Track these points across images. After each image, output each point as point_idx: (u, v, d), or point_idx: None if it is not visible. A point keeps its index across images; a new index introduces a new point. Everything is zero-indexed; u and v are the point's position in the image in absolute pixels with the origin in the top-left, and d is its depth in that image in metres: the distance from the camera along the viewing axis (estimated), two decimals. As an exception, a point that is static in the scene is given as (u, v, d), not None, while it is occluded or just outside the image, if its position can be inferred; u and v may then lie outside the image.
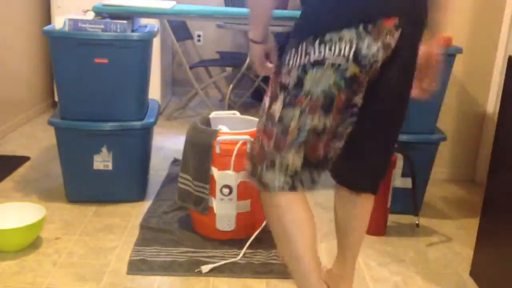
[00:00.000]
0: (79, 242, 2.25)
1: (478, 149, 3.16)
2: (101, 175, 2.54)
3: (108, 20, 2.40)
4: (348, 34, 1.37)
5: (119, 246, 2.23)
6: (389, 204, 2.41)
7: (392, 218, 2.55)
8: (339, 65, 1.39)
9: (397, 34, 1.41)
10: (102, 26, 2.37)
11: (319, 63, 1.39)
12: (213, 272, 2.05)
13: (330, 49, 1.38)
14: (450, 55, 2.46)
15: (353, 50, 1.38)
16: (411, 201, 2.54)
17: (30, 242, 2.18)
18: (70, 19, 2.36)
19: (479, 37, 2.98)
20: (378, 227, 2.42)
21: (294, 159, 1.47)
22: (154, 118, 2.57)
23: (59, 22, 2.37)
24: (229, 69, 4.63)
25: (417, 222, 2.51)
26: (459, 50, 2.46)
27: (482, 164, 3.11)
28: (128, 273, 2.03)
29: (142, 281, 1.99)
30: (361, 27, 1.36)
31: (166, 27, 4.19)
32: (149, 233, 2.31)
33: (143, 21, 2.82)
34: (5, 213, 2.26)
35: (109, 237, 2.30)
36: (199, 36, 5.06)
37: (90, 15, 2.43)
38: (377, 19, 1.37)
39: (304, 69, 1.41)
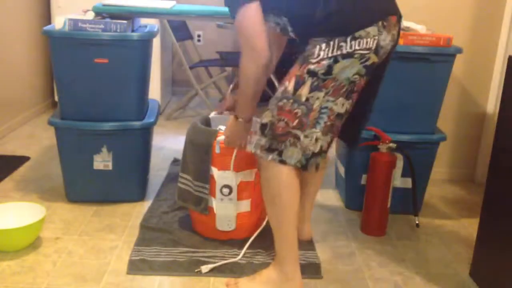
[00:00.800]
0: (79, 242, 2.25)
1: (478, 149, 3.16)
2: (101, 175, 2.54)
3: (108, 20, 2.40)
4: (372, 30, 1.69)
5: (119, 246, 2.23)
6: (389, 204, 2.41)
7: (392, 218, 2.55)
8: (364, 55, 1.69)
9: (397, 28, 1.80)
10: (102, 26, 2.37)
11: (349, 55, 1.68)
12: (213, 272, 2.05)
13: (359, 44, 1.68)
14: (450, 55, 2.46)
15: (375, 42, 1.70)
16: (411, 201, 2.54)
17: (30, 242, 2.18)
18: (70, 19, 2.36)
19: (479, 37, 2.98)
20: (378, 227, 2.42)
21: (312, 139, 1.73)
22: (154, 118, 2.57)
23: (59, 22, 2.37)
24: (229, 69, 4.63)
25: (417, 222, 2.51)
26: (459, 50, 2.46)
27: (482, 164, 3.11)
28: (128, 273, 2.03)
29: (142, 281, 1.99)
30: (380, 23, 1.70)
31: (166, 27, 4.19)
32: (149, 233, 2.31)
33: (143, 21, 2.82)
34: (5, 213, 2.26)
35: (109, 237, 2.30)
36: (199, 36, 5.06)
37: (90, 15, 2.43)
38: (388, 16, 1.74)
39: (335, 60, 1.68)
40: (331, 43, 1.68)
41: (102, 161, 2.52)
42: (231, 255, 2.16)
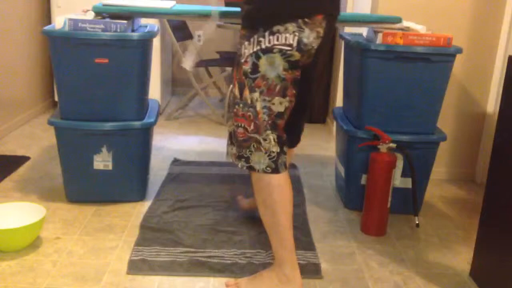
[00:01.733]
0: (79, 242, 2.25)
1: (478, 149, 3.16)
2: (101, 175, 2.54)
3: (108, 20, 2.40)
4: (291, 26, 1.70)
5: (119, 246, 2.23)
6: (389, 204, 2.41)
7: (392, 218, 2.55)
8: (285, 51, 1.71)
9: (325, 26, 1.77)
10: (102, 26, 2.36)
11: (269, 50, 1.71)
12: (213, 272, 2.05)
13: (277, 39, 1.70)
14: (450, 55, 2.46)
15: (296, 39, 1.71)
16: (411, 201, 2.54)
17: (30, 242, 2.18)
18: (70, 19, 2.36)
19: (479, 37, 2.98)
20: (378, 227, 2.42)
21: (270, 141, 1.77)
22: (154, 118, 2.57)
23: (59, 22, 2.37)
24: (229, 69, 4.63)
25: (417, 222, 2.51)
26: (459, 50, 2.46)
27: (482, 164, 3.11)
28: (128, 273, 2.03)
29: (142, 281, 1.99)
30: (300, 21, 1.71)
31: (166, 27, 4.19)
32: (149, 233, 2.31)
33: (143, 21, 2.82)
34: (5, 213, 2.26)
35: (109, 237, 2.30)
36: (199, 36, 5.06)
37: (90, 15, 2.43)
38: (312, 14, 1.72)
39: (257, 55, 1.72)
40: (251, 39, 1.73)
41: (102, 161, 2.52)
42: (231, 255, 2.16)
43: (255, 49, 1.72)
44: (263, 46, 1.71)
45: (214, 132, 3.92)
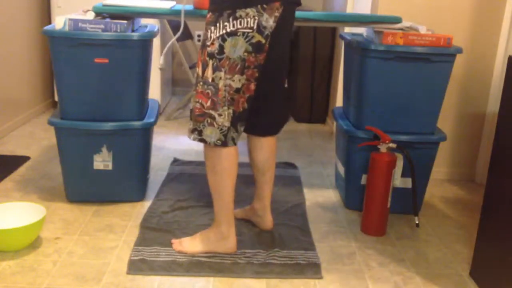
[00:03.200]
0: (79, 242, 2.25)
1: (478, 149, 3.16)
2: (101, 175, 2.54)
3: (108, 20, 2.40)
4: (251, 11, 1.90)
5: (119, 246, 2.23)
6: (389, 204, 2.41)
7: (392, 218, 2.55)
8: (248, 34, 1.91)
9: (282, 11, 1.96)
10: (102, 26, 2.36)
11: (233, 33, 1.91)
12: (213, 272, 2.05)
13: (240, 23, 1.90)
14: (450, 55, 2.46)
15: (256, 22, 1.91)
16: (411, 201, 2.54)
17: (30, 242, 2.18)
18: (70, 19, 2.36)
19: (479, 37, 2.98)
20: (378, 227, 2.42)
21: (225, 116, 1.97)
22: (154, 118, 2.57)
23: (59, 22, 2.37)
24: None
25: (417, 222, 2.51)
26: (459, 50, 2.46)
27: (482, 164, 3.11)
28: (128, 273, 2.03)
29: (142, 281, 1.99)
30: (259, 6, 1.90)
31: (166, 27, 4.19)
32: (149, 233, 2.31)
33: (143, 21, 2.82)
34: (5, 213, 2.26)
35: (109, 237, 2.30)
36: (199, 36, 5.06)
37: (90, 15, 2.43)
38: (269, 1, 1.92)
39: (223, 38, 1.92)
40: (217, 24, 1.92)
41: (102, 161, 2.52)
42: (231, 255, 2.16)
43: (221, 33, 1.92)
44: (228, 30, 1.91)
45: (214, 132, 3.91)
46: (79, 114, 2.46)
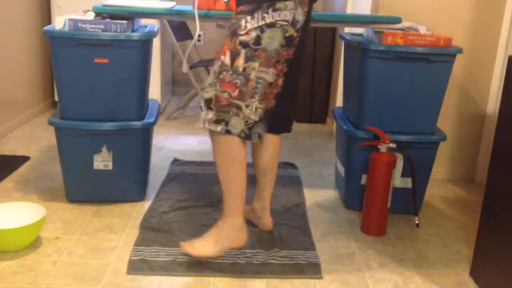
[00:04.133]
0: (79, 242, 2.25)
1: (478, 149, 3.16)
2: (101, 175, 2.54)
3: (108, 20, 2.40)
4: (290, 4, 1.90)
5: (119, 246, 2.23)
6: (389, 204, 2.41)
7: (392, 218, 2.55)
8: (284, 26, 1.90)
9: (308, 6, 1.99)
10: (102, 26, 2.37)
11: (272, 24, 1.89)
12: (213, 272, 2.05)
13: (279, 15, 1.89)
14: (450, 55, 2.46)
15: (292, 16, 1.91)
16: (411, 201, 2.54)
17: (30, 242, 2.18)
18: (70, 19, 2.36)
19: (479, 37, 2.98)
20: (378, 227, 2.42)
21: (252, 108, 1.93)
22: (154, 118, 2.57)
23: (59, 22, 2.37)
24: (229, 69, 4.62)
25: (417, 222, 2.51)
26: (459, 50, 2.46)
27: (482, 164, 3.11)
28: (128, 273, 2.03)
29: (142, 281, 1.99)
30: (297, 0, 1.91)
31: (166, 27, 4.19)
32: (149, 233, 2.31)
33: (143, 21, 2.82)
34: (5, 213, 2.26)
35: (109, 237, 2.30)
36: (199, 36, 5.06)
37: (90, 15, 2.43)
38: None
39: (261, 29, 1.89)
40: (255, 15, 1.89)
41: (102, 161, 2.52)
42: (231, 255, 2.16)
43: (260, 24, 1.89)
44: (268, 21, 1.89)
45: (214, 132, 3.91)
46: (79, 114, 2.46)
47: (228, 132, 1.93)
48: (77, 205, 2.58)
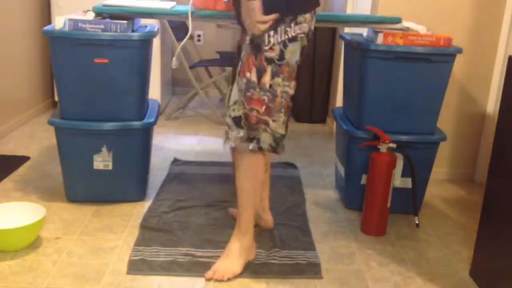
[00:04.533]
0: (79, 242, 2.25)
1: (478, 149, 3.16)
2: (101, 175, 2.54)
3: (108, 20, 2.40)
4: (309, 16, 1.91)
5: (119, 246, 2.23)
6: (389, 204, 2.41)
7: (392, 218, 2.55)
8: (303, 39, 1.92)
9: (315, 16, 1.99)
10: (102, 26, 2.37)
11: (294, 38, 1.89)
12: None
13: (300, 28, 1.89)
14: (450, 55, 2.46)
15: (309, 28, 1.92)
16: (411, 201, 2.54)
17: (30, 242, 2.18)
18: (70, 19, 2.36)
19: (479, 37, 2.98)
20: (378, 227, 2.42)
21: (279, 122, 1.94)
22: (154, 118, 2.57)
23: (59, 22, 2.37)
24: (229, 69, 4.62)
25: (417, 222, 2.51)
26: (459, 50, 2.46)
27: (482, 164, 3.11)
28: (128, 273, 2.03)
29: (142, 281, 1.99)
30: (313, 11, 1.93)
31: (166, 27, 4.19)
32: (149, 233, 2.31)
33: (143, 21, 2.82)
34: (5, 213, 2.26)
35: (109, 237, 2.30)
36: (199, 36, 5.06)
37: (90, 15, 2.43)
38: (318, 5, 1.96)
39: (284, 44, 1.88)
40: (278, 29, 1.87)
41: (102, 161, 2.52)
42: (231, 255, 2.16)
43: (283, 38, 1.87)
44: (290, 36, 1.88)
45: (214, 132, 3.92)
46: (79, 114, 2.46)
47: (260, 149, 1.94)
48: (77, 205, 2.58)
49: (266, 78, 1.89)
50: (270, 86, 1.90)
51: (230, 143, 1.96)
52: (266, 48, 1.87)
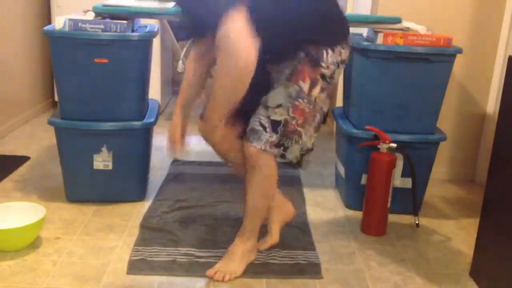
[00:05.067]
0: (79, 242, 2.25)
1: (478, 149, 3.16)
2: (101, 175, 2.54)
3: (108, 20, 2.40)
4: (350, 39, 1.95)
5: (119, 246, 2.23)
6: (389, 204, 2.41)
7: (392, 218, 2.55)
8: (344, 63, 1.95)
9: None
10: (102, 26, 2.37)
11: (344, 61, 1.93)
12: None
13: (346, 52, 1.93)
14: (450, 55, 2.46)
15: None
16: (411, 201, 2.54)
17: (30, 242, 2.18)
18: (70, 19, 2.36)
19: (479, 37, 2.98)
20: (378, 227, 2.42)
21: (309, 137, 1.94)
22: (154, 118, 2.57)
23: (59, 22, 2.37)
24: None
25: (417, 222, 2.51)
26: (459, 50, 2.46)
27: (482, 164, 3.11)
28: (128, 273, 2.03)
29: (142, 281, 1.99)
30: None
31: (166, 27, 4.19)
32: (149, 233, 2.31)
33: (143, 21, 2.82)
34: (5, 213, 2.26)
35: (109, 237, 2.30)
36: (199, 36, 5.05)
37: (90, 15, 2.43)
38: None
39: (338, 65, 1.91)
40: (336, 49, 1.88)
41: (102, 161, 2.52)
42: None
43: (337, 59, 1.90)
44: (342, 58, 1.92)
45: (214, 132, 3.91)
46: (79, 114, 2.46)
47: (283, 156, 1.92)
48: (77, 205, 2.58)
49: (316, 92, 1.89)
50: (315, 99, 1.90)
51: (259, 145, 1.88)
52: (324, 65, 1.88)
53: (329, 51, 1.87)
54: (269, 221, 2.17)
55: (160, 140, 3.64)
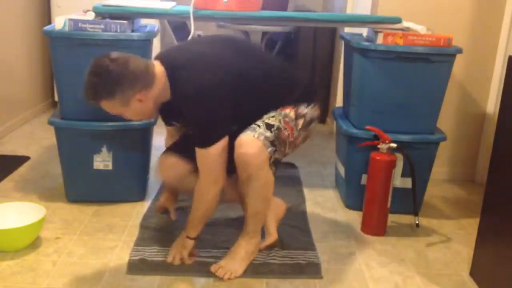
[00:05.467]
0: (79, 242, 2.25)
1: (478, 149, 3.16)
2: (101, 175, 2.54)
3: (108, 20, 2.40)
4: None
5: (119, 246, 2.23)
6: (389, 204, 2.41)
7: (392, 218, 2.55)
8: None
9: None
10: (102, 26, 2.37)
11: (315, 119, 2.17)
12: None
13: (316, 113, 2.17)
14: (450, 55, 2.46)
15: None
16: (411, 201, 2.54)
17: (30, 242, 2.18)
18: (70, 19, 2.36)
19: (479, 37, 2.98)
20: (378, 227, 2.42)
21: (285, 154, 2.10)
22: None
23: (59, 22, 2.37)
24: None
25: (417, 222, 2.51)
26: (459, 50, 2.46)
27: (482, 164, 3.11)
28: (128, 273, 2.03)
29: (142, 281, 1.99)
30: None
31: (166, 27, 4.19)
32: (149, 233, 2.31)
33: (143, 21, 2.82)
34: (5, 213, 2.26)
35: (109, 237, 2.30)
36: (199, 36, 5.05)
37: (90, 15, 2.43)
38: None
39: (312, 118, 2.13)
40: (310, 107, 2.11)
41: (102, 161, 2.52)
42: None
43: (313, 115, 2.15)
44: (315, 115, 2.17)
45: (214, 132, 3.91)
46: (79, 114, 2.46)
47: (270, 157, 1.98)
48: (77, 205, 2.58)
49: (300, 123, 2.07)
50: (298, 130, 2.07)
51: (252, 135, 1.93)
52: (301, 113, 2.08)
53: (306, 105, 2.09)
54: (265, 221, 2.19)
55: (160, 140, 3.64)
